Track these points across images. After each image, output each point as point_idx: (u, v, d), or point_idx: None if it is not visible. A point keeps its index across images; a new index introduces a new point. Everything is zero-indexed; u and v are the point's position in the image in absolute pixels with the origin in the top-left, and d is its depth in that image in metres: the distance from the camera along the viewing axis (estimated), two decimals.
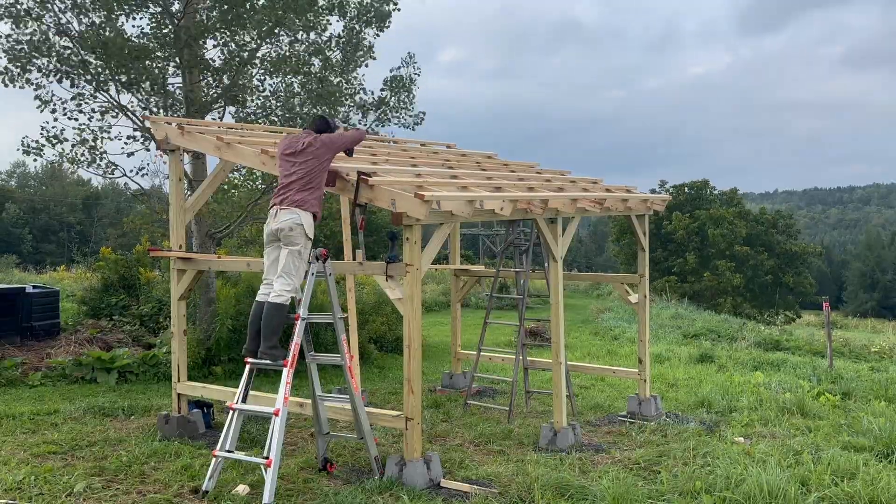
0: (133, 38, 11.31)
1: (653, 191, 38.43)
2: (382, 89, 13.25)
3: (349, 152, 6.96)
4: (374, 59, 13.08)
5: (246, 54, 11.93)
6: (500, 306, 23.98)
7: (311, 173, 6.34)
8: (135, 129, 11.75)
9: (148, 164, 26.00)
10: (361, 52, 12.87)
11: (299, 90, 12.53)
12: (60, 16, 11.20)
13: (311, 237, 6.39)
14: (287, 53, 12.44)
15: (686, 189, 43.86)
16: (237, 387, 6.48)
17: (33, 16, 11.08)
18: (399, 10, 13.03)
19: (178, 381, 7.99)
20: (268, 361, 6.27)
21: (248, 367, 6.40)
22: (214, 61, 11.98)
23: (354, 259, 9.08)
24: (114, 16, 11.11)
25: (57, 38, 11.14)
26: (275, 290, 6.32)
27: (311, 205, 6.34)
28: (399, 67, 13.41)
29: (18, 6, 11.00)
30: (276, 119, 12.46)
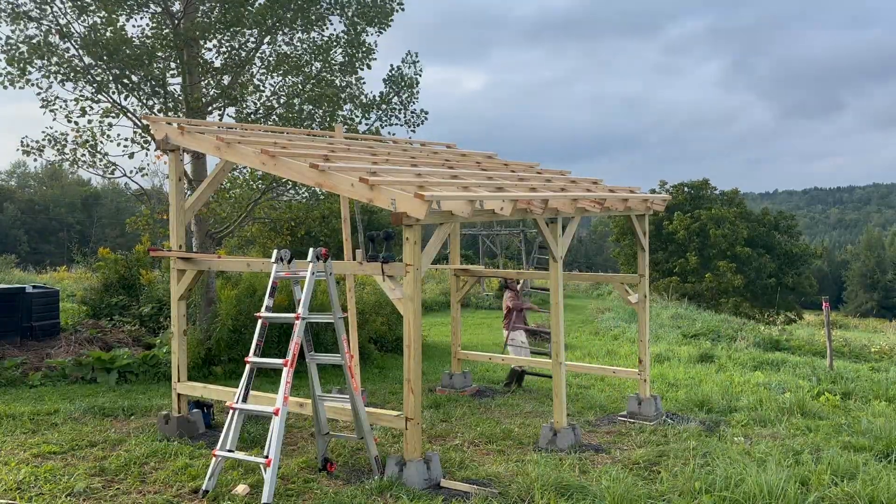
0: (135, 38, 11.30)
1: (652, 191, 38.31)
2: (384, 84, 13.17)
3: None
4: (375, 59, 13.03)
5: (245, 54, 11.93)
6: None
7: None
8: (135, 131, 11.75)
9: (148, 165, 25.98)
10: (363, 52, 12.81)
11: (301, 89, 12.52)
12: (60, 17, 11.19)
13: None
14: (287, 52, 12.43)
15: (686, 188, 43.64)
16: (237, 387, 6.48)
17: (32, 17, 11.07)
18: (403, 9, 12.99)
19: (179, 381, 7.99)
20: (268, 360, 6.26)
21: (248, 366, 6.40)
22: (213, 62, 11.97)
23: (354, 259, 9.08)
24: (114, 16, 11.10)
25: (59, 40, 11.13)
26: None
27: None
28: (401, 68, 13.35)
29: (17, 8, 10.98)
30: (276, 119, 12.44)
